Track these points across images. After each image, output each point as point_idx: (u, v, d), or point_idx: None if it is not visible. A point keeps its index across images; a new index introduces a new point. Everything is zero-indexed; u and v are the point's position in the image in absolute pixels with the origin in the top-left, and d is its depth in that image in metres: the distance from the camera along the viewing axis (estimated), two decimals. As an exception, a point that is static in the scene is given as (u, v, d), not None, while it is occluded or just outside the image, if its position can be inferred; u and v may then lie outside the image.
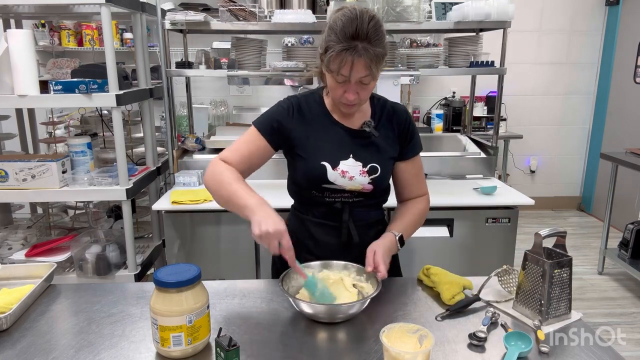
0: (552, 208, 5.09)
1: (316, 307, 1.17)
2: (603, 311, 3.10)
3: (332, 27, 1.23)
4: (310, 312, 1.18)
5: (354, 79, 1.24)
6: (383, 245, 1.34)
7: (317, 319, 1.19)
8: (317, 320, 1.19)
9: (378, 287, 1.22)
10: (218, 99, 4.17)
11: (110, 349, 1.09)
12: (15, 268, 1.48)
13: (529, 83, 4.76)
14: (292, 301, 1.20)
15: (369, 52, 1.20)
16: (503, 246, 2.33)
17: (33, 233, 2.53)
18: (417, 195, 1.50)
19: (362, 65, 1.21)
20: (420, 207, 1.48)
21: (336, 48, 1.21)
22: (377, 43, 1.21)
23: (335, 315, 1.19)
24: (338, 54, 1.21)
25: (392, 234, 1.38)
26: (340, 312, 1.19)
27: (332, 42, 1.22)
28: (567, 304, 1.21)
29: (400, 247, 1.39)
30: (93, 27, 3.96)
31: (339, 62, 1.21)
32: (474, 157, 2.70)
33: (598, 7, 4.66)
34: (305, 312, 1.19)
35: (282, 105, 1.41)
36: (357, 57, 1.20)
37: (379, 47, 1.22)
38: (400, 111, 1.45)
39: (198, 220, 2.28)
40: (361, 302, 1.19)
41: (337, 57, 1.21)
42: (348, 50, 1.20)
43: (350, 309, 1.18)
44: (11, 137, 2.78)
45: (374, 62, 1.22)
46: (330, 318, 1.19)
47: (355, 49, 1.19)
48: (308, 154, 1.37)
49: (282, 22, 2.53)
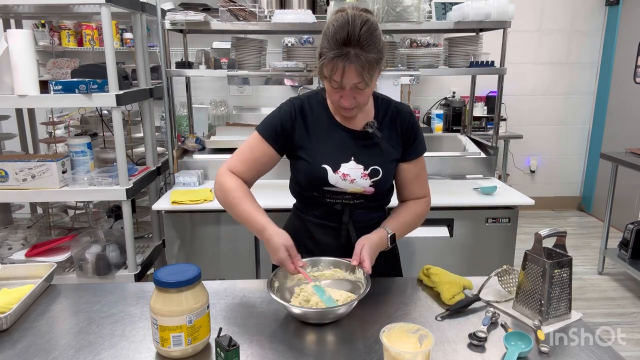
0: (552, 208, 5.09)
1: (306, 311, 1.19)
2: (603, 311, 3.10)
3: (325, 33, 1.22)
4: (298, 313, 1.20)
5: (347, 85, 1.23)
6: (372, 240, 1.33)
7: (307, 320, 1.20)
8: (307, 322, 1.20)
9: (367, 285, 1.22)
10: (218, 99, 4.16)
11: (110, 349, 1.09)
12: (15, 268, 1.48)
13: (529, 83, 4.76)
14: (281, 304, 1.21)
15: (360, 58, 1.18)
16: (503, 246, 2.33)
17: (33, 233, 2.53)
18: (418, 196, 1.49)
19: (354, 72, 1.19)
20: (419, 209, 1.47)
21: (328, 55, 1.19)
22: (369, 49, 1.19)
23: (325, 317, 1.20)
24: (330, 60, 1.19)
25: (385, 231, 1.37)
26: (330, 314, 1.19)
27: (324, 49, 1.21)
28: (567, 304, 1.21)
29: (390, 245, 1.38)
30: (93, 27, 3.96)
31: (331, 69, 1.20)
32: (474, 157, 2.70)
33: (598, 7, 4.66)
34: (295, 314, 1.20)
35: (284, 108, 1.40)
36: (349, 63, 1.18)
37: (371, 53, 1.19)
38: (404, 112, 1.43)
39: (198, 220, 2.28)
40: (348, 305, 1.19)
41: (329, 64, 1.20)
42: (339, 57, 1.18)
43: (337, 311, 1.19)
44: (11, 137, 2.78)
45: (366, 69, 1.19)
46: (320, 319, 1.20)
47: (347, 56, 1.18)
48: (309, 156, 1.37)
49: (282, 22, 2.53)
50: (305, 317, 1.20)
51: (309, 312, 1.19)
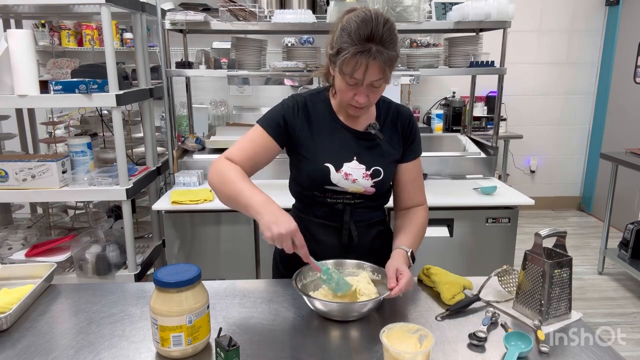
0: (552, 208, 5.09)
1: (329, 305, 1.17)
2: (603, 311, 3.10)
3: (345, 28, 1.21)
4: (323, 309, 1.18)
5: (367, 82, 1.22)
6: (399, 261, 1.29)
7: (330, 316, 1.19)
8: (331, 318, 1.19)
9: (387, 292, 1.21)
10: (218, 99, 4.17)
11: (110, 349, 1.09)
12: (15, 268, 1.48)
13: (529, 83, 4.76)
14: (306, 300, 1.20)
15: (383, 55, 1.18)
16: (503, 246, 2.33)
17: (33, 233, 2.53)
18: (416, 203, 1.48)
19: (377, 69, 1.19)
20: (422, 219, 1.46)
21: (350, 50, 1.19)
22: (390, 46, 1.20)
23: (349, 313, 1.19)
24: (353, 56, 1.18)
25: (403, 250, 1.34)
26: (354, 310, 1.19)
27: (345, 44, 1.20)
28: (567, 304, 1.21)
29: (412, 262, 1.35)
30: (93, 27, 3.96)
31: (353, 65, 1.20)
32: (474, 157, 2.70)
33: (598, 7, 4.66)
34: (319, 309, 1.19)
35: (287, 103, 1.40)
36: (372, 60, 1.18)
37: (392, 51, 1.20)
38: (404, 113, 1.45)
39: (198, 220, 2.28)
40: (376, 301, 1.18)
41: (352, 60, 1.19)
42: (362, 53, 1.18)
43: (363, 307, 1.18)
44: (11, 137, 2.78)
45: (388, 66, 1.20)
46: (344, 316, 1.19)
47: (370, 52, 1.17)
48: (312, 154, 1.37)
49: (282, 22, 2.53)
50: (329, 313, 1.18)
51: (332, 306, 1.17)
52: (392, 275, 1.22)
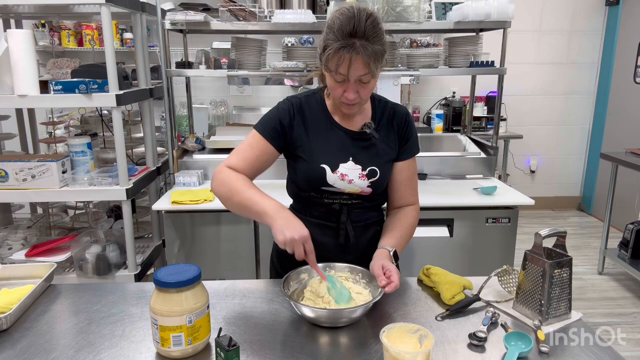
0: (552, 208, 5.09)
1: (318, 312, 1.17)
2: (603, 311, 3.10)
3: (330, 26, 1.23)
4: (312, 316, 1.17)
5: (353, 77, 1.23)
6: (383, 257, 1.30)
7: (319, 323, 1.18)
8: (319, 324, 1.18)
9: (380, 292, 1.20)
10: (218, 99, 4.16)
11: (110, 349, 1.09)
12: (15, 268, 1.48)
13: (529, 83, 4.76)
14: (293, 305, 1.19)
15: (367, 49, 1.19)
16: (503, 246, 2.33)
17: (33, 233, 2.53)
18: (408, 202, 1.48)
19: (360, 63, 1.20)
20: (410, 219, 1.45)
21: (334, 46, 1.20)
22: (375, 40, 1.20)
23: (337, 319, 1.18)
24: (336, 52, 1.20)
25: (386, 250, 1.34)
26: (342, 316, 1.18)
27: (329, 41, 1.21)
28: (567, 304, 1.21)
29: (395, 262, 1.34)
30: (93, 27, 3.96)
31: (337, 60, 1.21)
32: (474, 157, 2.70)
33: (598, 7, 4.66)
34: (307, 316, 1.18)
35: (282, 106, 1.40)
36: (355, 54, 1.19)
37: (377, 45, 1.20)
38: (400, 112, 1.44)
39: (198, 220, 2.28)
40: (364, 307, 1.17)
41: (335, 55, 1.20)
42: (345, 47, 1.19)
43: (352, 314, 1.17)
44: (11, 137, 2.78)
45: (372, 60, 1.20)
46: (333, 322, 1.18)
47: (353, 47, 1.18)
48: (308, 155, 1.37)
49: (282, 22, 2.53)
50: (318, 319, 1.17)
51: (321, 312, 1.16)
52: (380, 273, 1.23)
